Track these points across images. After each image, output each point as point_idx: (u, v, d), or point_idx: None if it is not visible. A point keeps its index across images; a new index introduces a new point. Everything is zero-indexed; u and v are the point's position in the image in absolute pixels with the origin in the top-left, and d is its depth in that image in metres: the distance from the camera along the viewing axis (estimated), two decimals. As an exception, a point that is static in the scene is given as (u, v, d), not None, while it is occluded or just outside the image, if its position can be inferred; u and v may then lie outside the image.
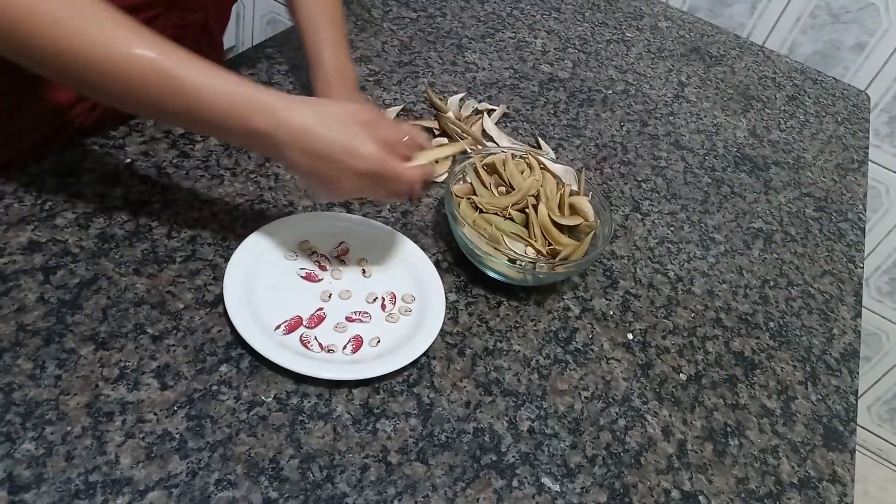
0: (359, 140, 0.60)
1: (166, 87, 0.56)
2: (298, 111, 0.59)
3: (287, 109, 0.58)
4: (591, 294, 0.80)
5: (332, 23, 0.85)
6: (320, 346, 0.65)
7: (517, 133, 1.00)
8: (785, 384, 0.78)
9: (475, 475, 0.61)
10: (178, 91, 0.56)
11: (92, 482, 0.53)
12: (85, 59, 0.54)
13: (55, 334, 0.60)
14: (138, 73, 0.55)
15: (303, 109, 0.59)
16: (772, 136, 1.20)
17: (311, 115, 0.59)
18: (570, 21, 1.33)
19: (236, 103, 0.57)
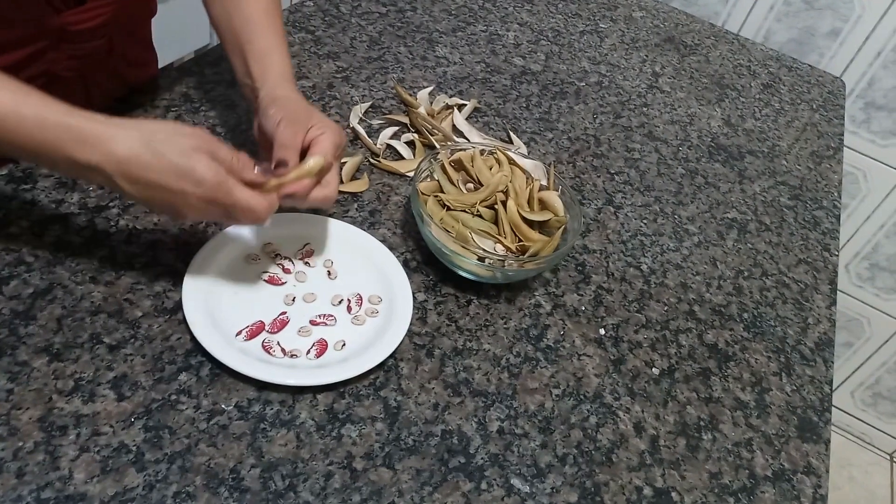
0: (192, 164, 0.55)
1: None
2: (125, 138, 0.54)
3: (113, 138, 0.54)
4: (562, 290, 0.79)
5: (279, 32, 0.75)
6: (283, 351, 0.64)
7: (489, 128, 0.99)
8: (759, 376, 0.78)
9: (443, 479, 0.60)
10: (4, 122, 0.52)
11: (44, 499, 0.51)
12: None
13: (7, 346, 0.58)
14: None
15: (129, 136, 0.55)
16: (746, 124, 1.19)
17: (139, 142, 0.55)
18: (542, 13, 1.31)
19: (61, 135, 0.53)
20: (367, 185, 0.84)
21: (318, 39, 1.05)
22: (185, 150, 0.56)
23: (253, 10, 0.73)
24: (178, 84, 0.89)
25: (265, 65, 0.71)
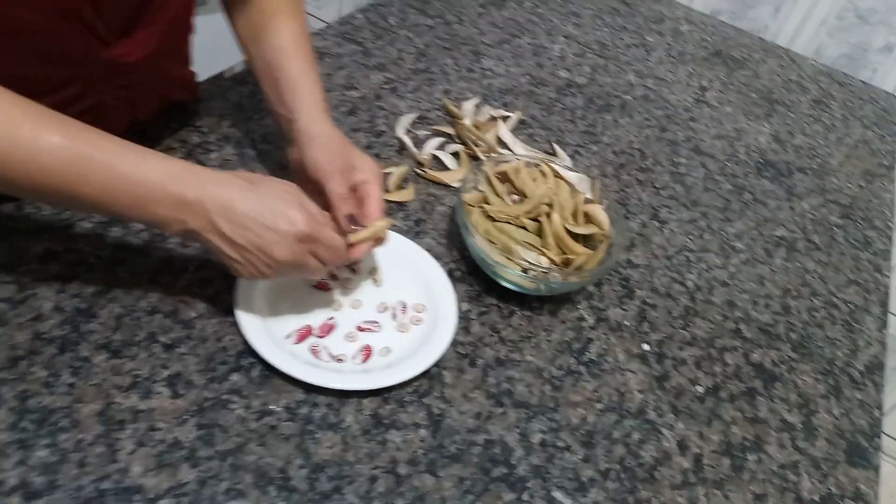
0: (288, 205, 0.59)
1: (82, 172, 0.53)
2: (225, 179, 0.58)
3: (214, 178, 0.57)
4: (606, 304, 0.79)
5: (309, 60, 0.75)
6: (330, 355, 0.65)
7: (533, 140, 1.00)
8: (806, 397, 0.77)
9: (485, 488, 0.60)
10: (96, 172, 0.53)
11: (103, 490, 0.53)
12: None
13: (70, 342, 0.61)
14: (50, 160, 0.52)
15: (229, 178, 0.58)
16: (796, 141, 1.17)
17: (238, 184, 0.58)
18: (588, 26, 1.31)
19: (159, 178, 0.55)
20: (413, 195, 0.85)
21: (367, 51, 1.07)
22: (281, 193, 0.59)
23: (283, 40, 0.74)
24: (229, 93, 0.91)
25: (298, 95, 0.72)
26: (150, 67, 0.71)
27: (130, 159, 0.55)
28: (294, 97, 0.72)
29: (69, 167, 0.53)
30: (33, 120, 0.52)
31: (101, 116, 0.71)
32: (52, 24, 0.59)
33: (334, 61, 1.02)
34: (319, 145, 0.69)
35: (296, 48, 0.74)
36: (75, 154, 0.53)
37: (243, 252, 0.58)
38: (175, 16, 0.70)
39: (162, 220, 0.56)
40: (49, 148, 0.52)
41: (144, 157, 0.56)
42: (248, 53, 0.77)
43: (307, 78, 0.73)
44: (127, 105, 0.75)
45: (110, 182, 0.54)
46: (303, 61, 0.74)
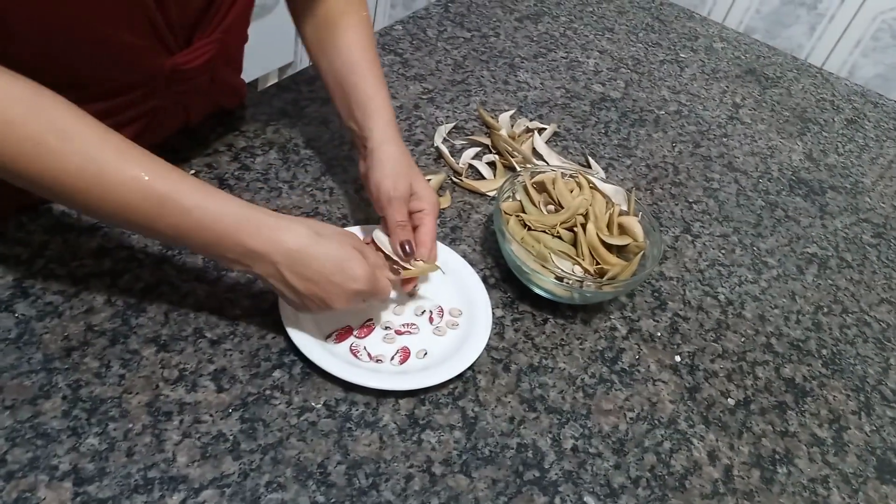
0: (351, 261, 0.61)
1: (158, 210, 0.55)
2: (295, 232, 0.59)
3: (284, 229, 0.59)
4: (638, 314, 0.80)
5: (379, 76, 0.76)
6: (369, 356, 0.67)
7: (567, 152, 1.01)
8: (837, 413, 0.77)
9: (517, 490, 0.61)
10: (171, 213, 0.56)
11: (150, 478, 0.55)
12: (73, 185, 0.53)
13: (120, 335, 0.63)
14: (131, 195, 0.54)
15: (298, 230, 0.59)
16: (829, 159, 1.17)
17: (306, 236, 0.59)
18: (623, 41, 1.33)
19: (240, 223, 0.57)
20: (450, 202, 0.87)
21: (406, 62, 1.10)
22: (346, 247, 0.61)
23: (353, 56, 0.75)
24: (276, 100, 0.94)
25: (368, 112, 0.74)
26: (207, 74, 0.74)
27: (205, 205, 0.56)
28: (364, 115, 0.74)
29: (147, 204, 0.55)
30: (121, 153, 0.55)
31: (156, 120, 0.74)
32: (125, 32, 0.62)
33: (374, 71, 1.05)
34: (387, 171, 0.71)
35: (365, 64, 0.75)
36: (155, 193, 0.55)
37: (303, 298, 0.61)
38: (232, 23, 0.72)
39: (229, 263, 0.59)
40: (131, 183, 0.54)
41: (218, 203, 0.57)
42: (317, 65, 0.79)
43: (378, 97, 0.75)
44: (182, 110, 0.77)
45: (183, 224, 0.56)
46: (373, 78, 0.75)
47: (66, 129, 0.53)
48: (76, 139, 0.53)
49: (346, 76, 0.75)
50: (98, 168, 0.53)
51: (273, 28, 1.97)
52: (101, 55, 0.62)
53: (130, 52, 0.64)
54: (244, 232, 0.57)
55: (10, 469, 0.53)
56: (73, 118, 0.54)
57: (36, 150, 0.52)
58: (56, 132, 0.52)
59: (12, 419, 0.56)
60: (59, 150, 0.52)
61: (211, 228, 0.57)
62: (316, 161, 0.87)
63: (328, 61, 0.77)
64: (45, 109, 0.53)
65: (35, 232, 0.69)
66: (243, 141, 0.86)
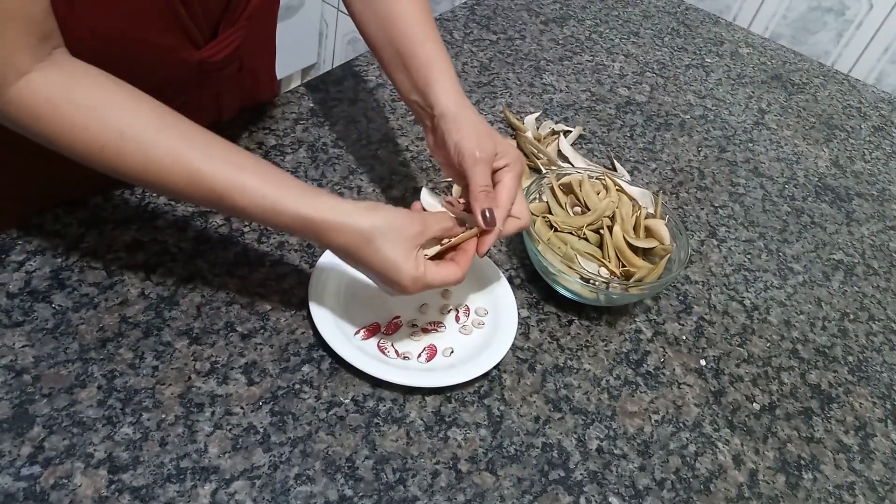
0: (399, 271, 0.59)
1: (217, 202, 0.57)
2: (343, 234, 0.58)
3: (330, 230, 0.58)
4: (663, 318, 0.80)
5: (439, 42, 0.72)
6: (396, 352, 0.67)
7: (592, 155, 1.01)
8: (863, 420, 0.76)
9: (543, 489, 0.62)
10: (228, 207, 0.57)
11: (183, 468, 0.56)
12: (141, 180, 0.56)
13: (154, 327, 0.64)
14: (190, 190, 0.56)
15: (346, 232, 0.58)
16: (855, 166, 1.17)
17: (359, 237, 0.58)
18: (648, 46, 1.33)
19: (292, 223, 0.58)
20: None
21: (433, 63, 1.10)
22: (403, 252, 0.59)
23: (409, 23, 0.72)
24: (304, 99, 0.95)
25: (432, 79, 0.69)
26: (235, 63, 0.75)
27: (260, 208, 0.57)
28: (428, 83, 0.69)
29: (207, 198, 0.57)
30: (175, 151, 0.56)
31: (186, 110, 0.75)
32: (153, 33, 0.63)
33: (401, 72, 1.06)
34: (466, 132, 0.66)
35: (423, 30, 0.71)
36: (212, 190, 0.56)
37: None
38: (256, 10, 0.73)
39: None
40: (193, 177, 0.56)
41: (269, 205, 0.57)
42: (370, 40, 0.75)
43: (439, 62, 0.70)
44: (213, 104, 0.78)
45: (243, 215, 0.58)
46: (433, 44, 0.71)
47: (124, 130, 0.54)
48: (132, 143, 0.55)
49: (403, 45, 0.71)
50: (157, 168, 0.55)
51: (297, 29, 1.99)
52: (132, 58, 0.63)
53: (160, 52, 0.65)
54: (301, 234, 0.59)
55: (47, 455, 0.54)
56: (131, 120, 0.55)
57: (101, 153, 0.54)
58: (116, 134, 0.54)
59: (49, 407, 0.57)
60: (120, 152, 0.54)
61: (271, 222, 0.59)
62: (344, 160, 0.87)
63: (382, 32, 0.73)
64: (107, 113, 0.54)
65: (71, 225, 0.71)
66: (273, 139, 0.87)
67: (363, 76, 1.03)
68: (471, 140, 0.66)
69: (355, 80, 1.02)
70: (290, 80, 2.13)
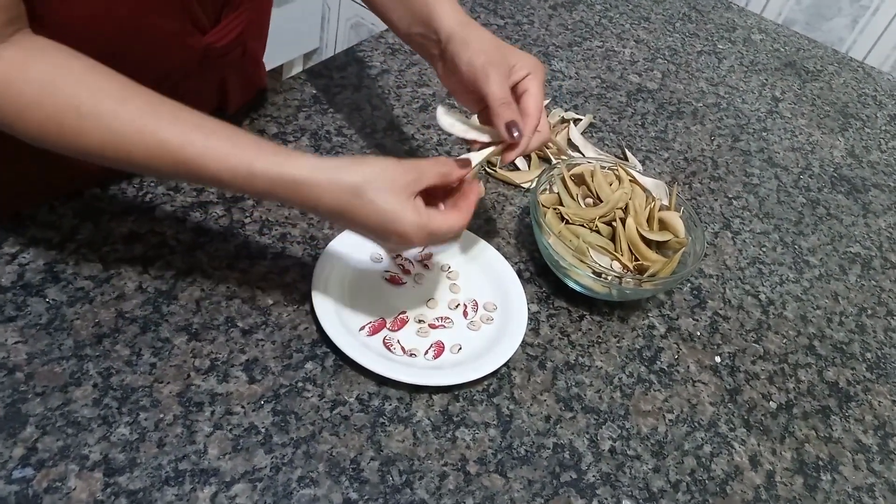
0: (398, 223, 0.55)
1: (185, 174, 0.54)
2: (336, 190, 0.54)
3: (321, 187, 0.54)
4: (677, 313, 0.78)
5: None
6: (403, 349, 0.65)
7: (603, 143, 0.99)
8: (883, 419, 0.74)
9: (554, 492, 0.59)
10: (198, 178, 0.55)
11: (181, 470, 0.54)
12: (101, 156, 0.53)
13: (151, 323, 0.62)
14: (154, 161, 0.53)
15: (341, 187, 0.54)
16: (871, 156, 1.14)
17: (349, 192, 0.54)
18: (659, 31, 1.30)
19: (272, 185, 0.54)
20: (483, 192, 0.84)
21: (439, 48, 1.07)
22: (399, 201, 0.55)
23: None
24: (307, 86, 0.92)
25: (431, 3, 0.67)
26: (239, 49, 0.72)
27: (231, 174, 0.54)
28: (430, 9, 0.67)
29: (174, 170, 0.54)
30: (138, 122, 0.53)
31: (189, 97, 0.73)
32: (158, 18, 0.60)
33: (406, 58, 1.03)
34: (475, 49, 0.64)
35: None
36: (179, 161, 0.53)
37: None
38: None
39: None
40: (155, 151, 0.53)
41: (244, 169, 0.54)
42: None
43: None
44: (216, 90, 0.76)
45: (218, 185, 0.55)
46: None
47: (82, 102, 0.51)
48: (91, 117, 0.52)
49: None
50: (120, 140, 0.52)
51: (299, 14, 1.95)
52: (138, 44, 0.61)
53: (166, 37, 0.63)
54: (282, 198, 0.55)
55: (40, 457, 0.52)
56: (89, 93, 0.52)
57: (59, 130, 0.51)
58: (72, 110, 0.51)
59: (43, 406, 0.55)
60: (78, 128, 0.51)
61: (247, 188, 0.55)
62: (348, 148, 0.85)
63: None
64: (62, 87, 0.51)
65: (66, 216, 0.68)
66: (275, 127, 0.84)
67: (367, 62, 1.00)
68: (482, 55, 0.63)
69: (359, 65, 0.99)
70: (292, 65, 2.10)
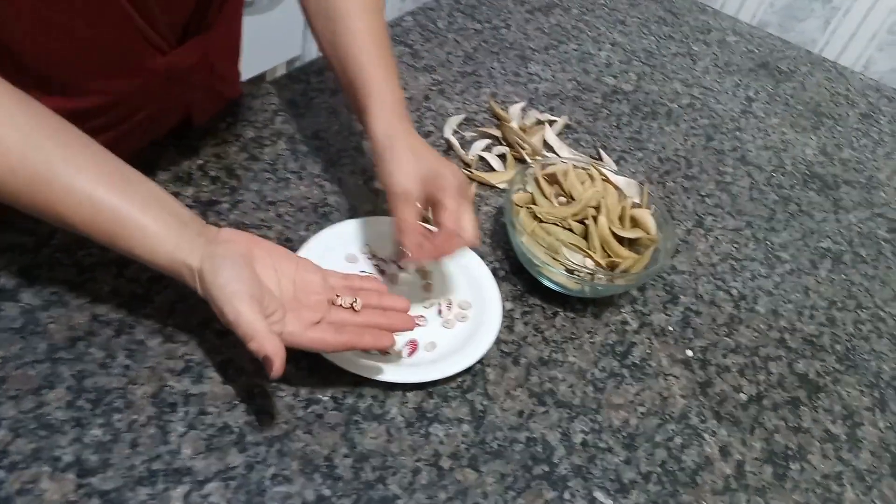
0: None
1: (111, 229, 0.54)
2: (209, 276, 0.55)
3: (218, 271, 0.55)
4: (649, 308, 0.79)
5: (385, 55, 0.72)
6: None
7: (579, 144, 1.00)
8: (851, 409, 0.75)
9: (527, 485, 0.60)
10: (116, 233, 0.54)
11: (154, 470, 0.54)
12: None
13: (126, 325, 0.63)
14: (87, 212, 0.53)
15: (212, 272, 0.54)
16: (843, 154, 1.16)
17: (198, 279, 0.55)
18: (635, 34, 1.31)
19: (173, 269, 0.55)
20: (474, 191, 0.85)
21: (416, 53, 1.09)
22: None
23: (357, 39, 0.71)
24: (284, 90, 0.93)
25: (368, 100, 0.69)
26: (206, 69, 0.72)
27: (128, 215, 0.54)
28: (365, 105, 0.69)
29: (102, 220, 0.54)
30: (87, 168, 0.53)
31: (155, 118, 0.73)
32: (109, 35, 0.60)
33: (382, 62, 1.04)
34: (390, 169, 0.66)
35: (367, 54, 0.70)
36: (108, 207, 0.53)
37: None
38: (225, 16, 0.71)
39: None
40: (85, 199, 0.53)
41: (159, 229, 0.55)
42: (327, 58, 0.74)
43: (376, 79, 0.69)
44: (182, 106, 0.76)
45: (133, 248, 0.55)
46: (375, 67, 0.70)
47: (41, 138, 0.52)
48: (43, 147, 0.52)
49: (348, 66, 0.71)
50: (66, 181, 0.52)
51: (280, 21, 1.96)
52: (87, 58, 0.61)
53: (121, 57, 0.63)
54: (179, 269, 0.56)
55: (12, 460, 0.53)
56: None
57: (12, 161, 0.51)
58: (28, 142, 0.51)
59: (16, 409, 0.55)
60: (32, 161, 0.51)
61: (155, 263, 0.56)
62: (325, 152, 0.86)
63: (334, 53, 0.72)
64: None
65: (41, 221, 0.69)
66: (252, 131, 0.85)
67: (344, 66, 1.01)
68: (394, 176, 0.65)
69: (336, 70, 0.99)
70: (275, 72, 2.10)
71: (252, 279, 0.55)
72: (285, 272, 0.59)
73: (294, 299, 0.58)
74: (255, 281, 0.55)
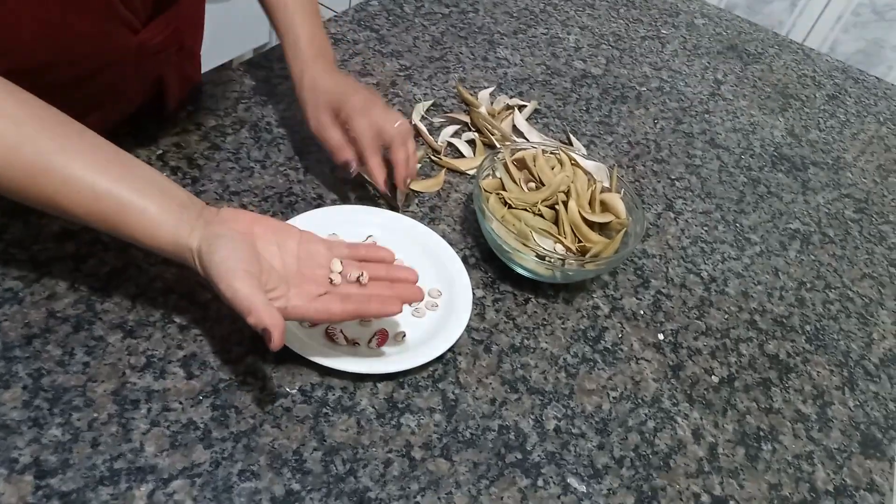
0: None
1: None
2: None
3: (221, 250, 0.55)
4: (621, 293, 0.79)
5: (304, 9, 0.80)
6: (346, 339, 0.65)
7: (548, 129, 0.99)
8: (821, 389, 0.76)
9: (500, 473, 0.60)
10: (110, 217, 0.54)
11: (117, 469, 0.53)
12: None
13: (85, 321, 0.61)
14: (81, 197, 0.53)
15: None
16: (811, 135, 1.16)
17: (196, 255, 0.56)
18: (604, 17, 1.31)
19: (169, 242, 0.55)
20: (440, 184, 0.84)
21: (383, 38, 1.07)
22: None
23: None
24: (247, 78, 0.91)
25: (285, 47, 0.78)
26: (175, 45, 0.71)
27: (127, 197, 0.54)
28: (284, 48, 0.78)
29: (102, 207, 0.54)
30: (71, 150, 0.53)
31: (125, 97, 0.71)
32: (80, 16, 0.59)
33: (349, 48, 1.02)
34: (308, 106, 0.76)
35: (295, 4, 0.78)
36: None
37: None
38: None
39: None
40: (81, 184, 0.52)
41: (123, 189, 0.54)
42: (266, 15, 0.81)
43: (295, 24, 0.77)
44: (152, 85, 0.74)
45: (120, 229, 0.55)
46: (293, 11, 0.78)
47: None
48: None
49: (273, 16, 0.79)
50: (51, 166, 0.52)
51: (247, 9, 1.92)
52: (63, 44, 0.59)
53: (92, 37, 0.61)
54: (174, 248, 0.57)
55: (-33, 462, 0.51)
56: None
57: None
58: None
59: (-30, 410, 0.53)
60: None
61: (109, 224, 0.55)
62: (289, 140, 0.84)
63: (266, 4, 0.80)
64: None
65: (-7, 215, 0.66)
66: (213, 119, 0.83)
67: (309, 53, 0.98)
68: (307, 113, 0.76)
69: (300, 56, 0.97)
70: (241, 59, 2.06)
71: (250, 256, 0.55)
72: (288, 248, 0.59)
73: (298, 273, 0.58)
74: (254, 258, 0.55)
